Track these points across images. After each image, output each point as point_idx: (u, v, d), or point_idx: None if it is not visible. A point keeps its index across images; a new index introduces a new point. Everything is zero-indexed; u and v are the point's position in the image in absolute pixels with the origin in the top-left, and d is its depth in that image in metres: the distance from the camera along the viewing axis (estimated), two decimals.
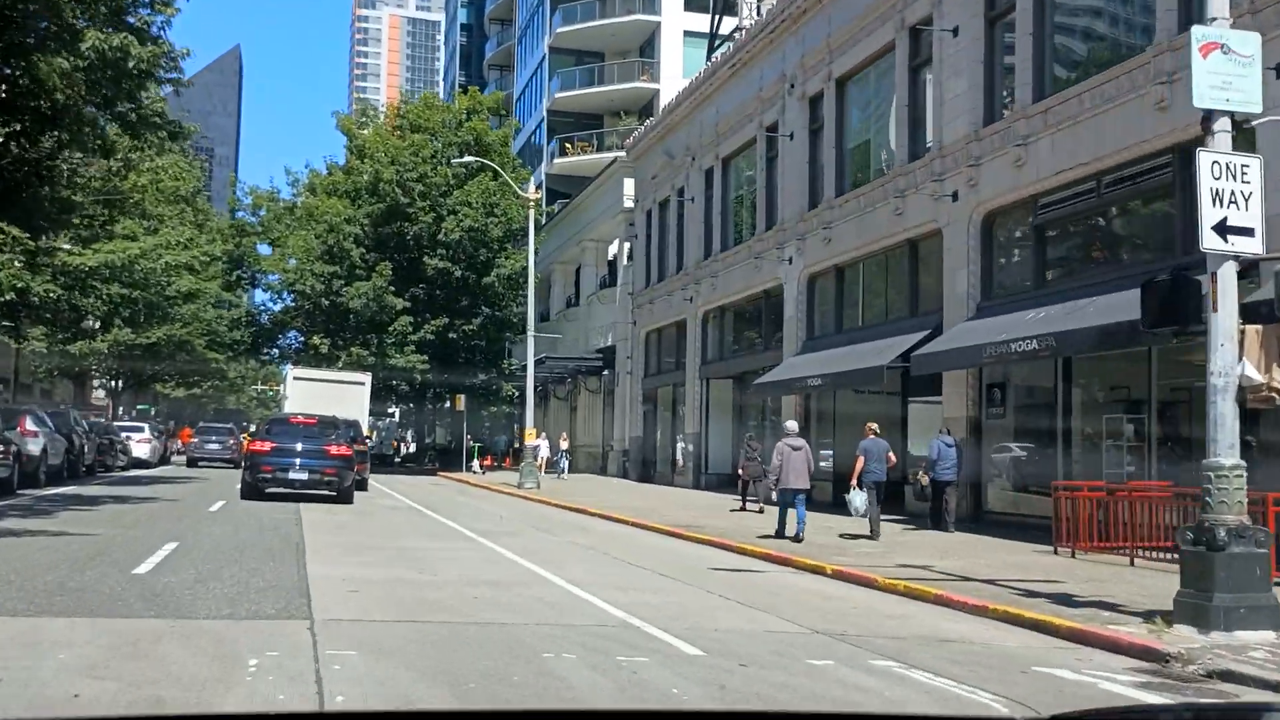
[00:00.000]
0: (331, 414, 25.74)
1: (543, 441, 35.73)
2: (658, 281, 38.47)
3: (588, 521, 21.39)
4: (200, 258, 42.84)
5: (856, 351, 24.15)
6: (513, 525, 19.21)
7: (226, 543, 13.43)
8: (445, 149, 44.17)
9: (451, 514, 21.25)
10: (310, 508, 20.76)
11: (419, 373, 43.08)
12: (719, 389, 34.42)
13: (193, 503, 20.77)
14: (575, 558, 14.06)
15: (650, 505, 25.71)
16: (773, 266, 29.49)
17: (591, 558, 14.25)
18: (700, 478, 34.18)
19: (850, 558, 14.87)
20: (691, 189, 35.42)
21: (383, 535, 15.78)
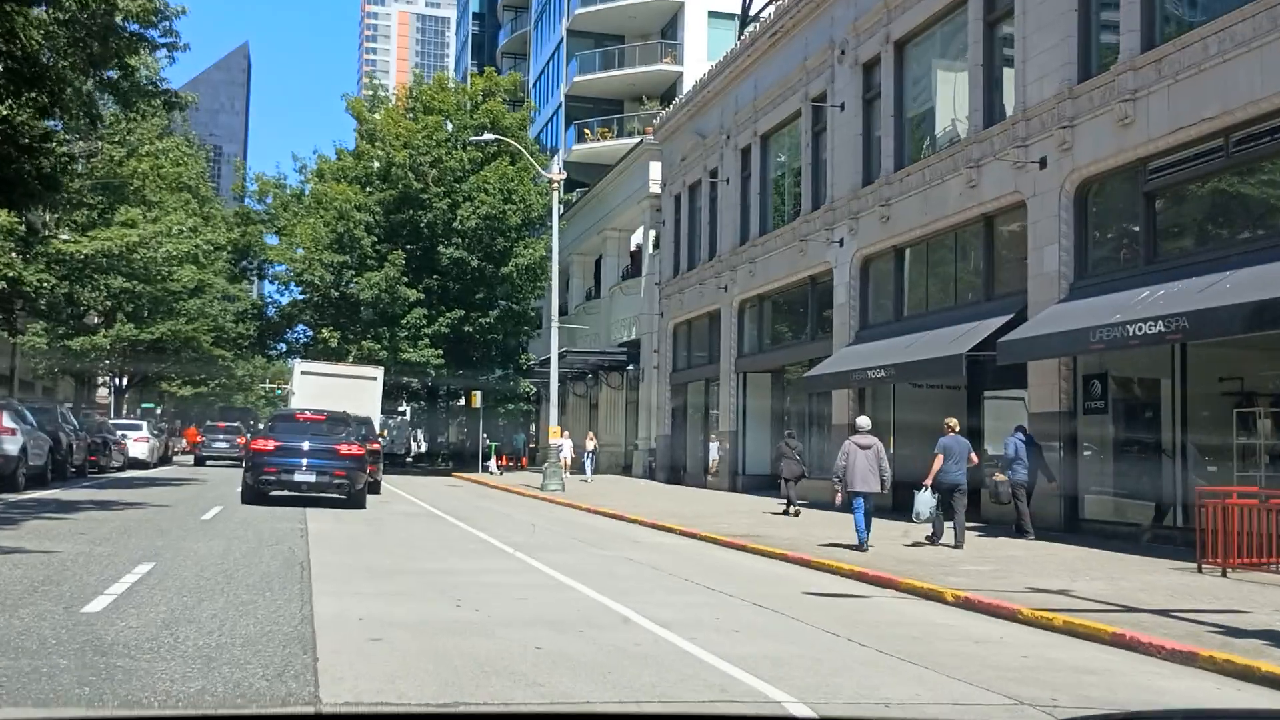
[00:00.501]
0: (342, 410, 23.16)
1: (566, 441, 33.12)
2: (687, 270, 35.83)
3: (633, 531, 18.75)
4: (203, 247, 40.30)
5: (924, 340, 21.49)
6: (551, 536, 16.59)
7: (214, 563, 10.83)
8: (460, 132, 41.56)
9: (477, 522, 18.64)
10: (317, 514, 18.18)
11: (433, 368, 40.47)
12: (757, 384, 31.77)
13: (184, 509, 18.18)
14: (642, 581, 11.43)
15: (692, 511, 23.12)
16: (820, 249, 26.84)
17: (660, 581, 11.62)
18: (736, 480, 31.54)
19: (962, 578, 12.25)
20: (726, 169, 32.78)
21: (403, 551, 13.17)
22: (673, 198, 37.35)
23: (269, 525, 15.53)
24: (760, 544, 16.07)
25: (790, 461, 22.98)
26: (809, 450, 28.53)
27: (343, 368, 34.44)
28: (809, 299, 28.11)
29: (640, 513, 22.06)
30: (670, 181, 37.45)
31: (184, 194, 46.08)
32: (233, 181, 46.69)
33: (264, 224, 44.30)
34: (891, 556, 14.47)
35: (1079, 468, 18.64)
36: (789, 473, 22.92)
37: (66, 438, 25.93)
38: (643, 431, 40.01)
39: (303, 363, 34.19)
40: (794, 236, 28.20)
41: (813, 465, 28.01)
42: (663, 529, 19.03)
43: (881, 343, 23.53)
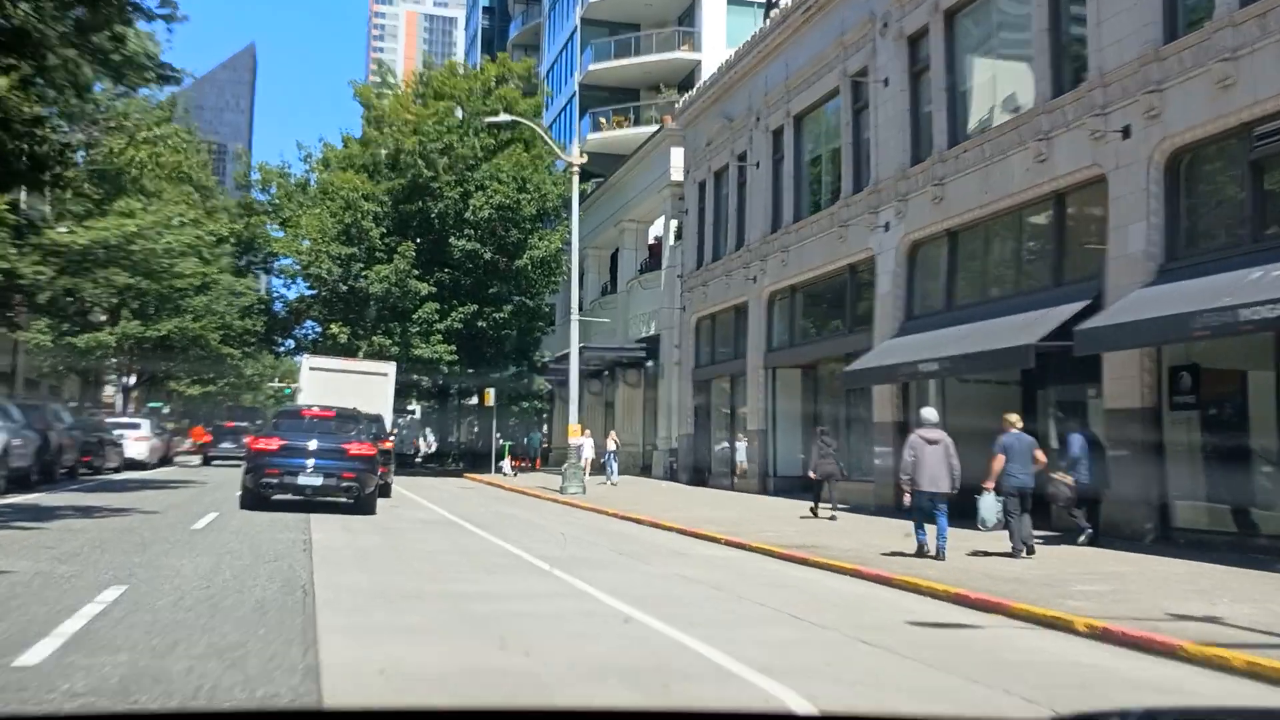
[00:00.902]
0: (352, 407, 21.25)
1: (587, 440, 31.19)
2: (712, 261, 33.88)
3: (673, 541, 16.80)
4: (205, 238, 38.38)
5: (982, 331, 19.51)
6: (585, 548, 14.66)
7: (199, 588, 8.91)
8: (472, 118, 39.61)
9: (501, 531, 16.71)
10: (323, 521, 16.27)
11: (445, 364, 38.54)
12: (788, 380, 29.81)
13: (175, 516, 16.26)
14: (711, 608, 9.48)
15: (729, 516, 21.20)
16: (862, 235, 24.89)
17: (732, 607, 9.67)
18: (767, 482, 29.58)
19: (1081, 600, 10.32)
20: (756, 153, 30.82)
21: (424, 569, 11.22)
22: (696, 185, 35.40)
23: (268, 536, 13.61)
24: (822, 556, 14.15)
25: (825, 460, 21.21)
26: (845, 451, 26.62)
27: (353, 363, 32.55)
28: (847, 289, 26.16)
29: (674, 519, 20.14)
30: (694, 168, 35.51)
31: (185, 186, 44.27)
32: (236, 177, 44.73)
33: (268, 214, 42.36)
34: (979, 572, 12.54)
35: (1166, 471, 16.68)
36: (823, 472, 21.13)
37: (57, 437, 24.07)
38: (662, 431, 38.06)
39: (311, 358, 32.29)
40: (832, 222, 26.25)
41: (851, 467, 26.11)
42: (705, 538, 17.10)
43: (930, 334, 21.56)
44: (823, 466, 21.21)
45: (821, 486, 21.42)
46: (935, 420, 15.18)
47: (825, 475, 21.36)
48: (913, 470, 14.44)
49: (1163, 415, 16.71)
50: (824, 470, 21.15)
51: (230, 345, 55.25)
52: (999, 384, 22.18)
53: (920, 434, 14.82)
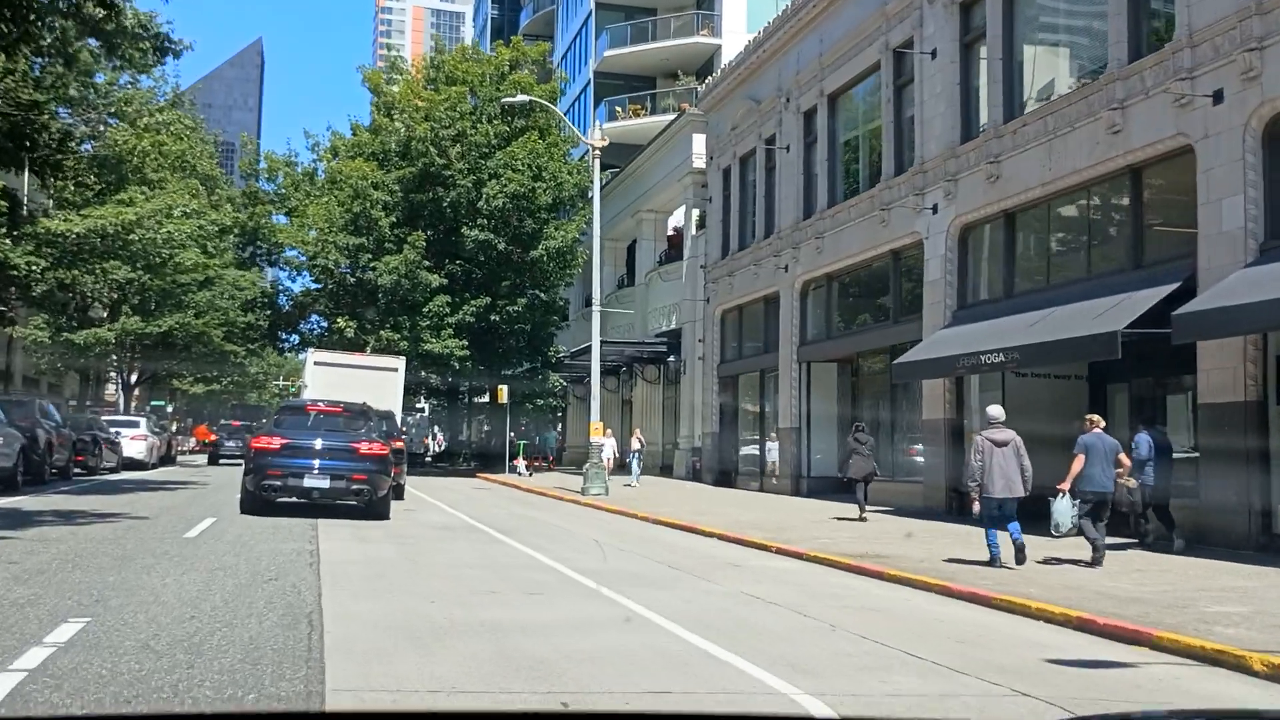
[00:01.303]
0: (361, 402, 19.52)
1: (609, 440, 29.42)
2: (738, 250, 32.11)
3: (720, 550, 15.03)
4: (208, 228, 36.71)
5: (1055, 318, 17.72)
6: (628, 559, 12.91)
7: (179, 619, 7.16)
8: (485, 105, 37.87)
9: (529, 538, 14.96)
10: (332, 528, 14.55)
11: (457, 360, 36.78)
12: (823, 375, 28.04)
13: (167, 522, 14.53)
14: (806, 643, 7.68)
15: (771, 521, 19.47)
16: (907, 219, 23.12)
17: (828, 641, 7.88)
18: (800, 482, 27.80)
19: (1229, 627, 8.59)
20: (786, 136, 29.04)
21: (451, 589, 9.43)
22: (720, 171, 33.63)
23: (269, 547, 11.88)
24: (895, 568, 12.41)
25: (860, 459, 19.83)
26: (888, 452, 24.88)
27: (361, 358, 30.82)
28: (890, 277, 24.38)
29: (712, 523, 18.40)
30: (718, 154, 33.73)
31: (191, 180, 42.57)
32: (242, 166, 42.96)
33: (273, 204, 40.62)
34: (1080, 588, 10.81)
35: (1271, 472, 14.91)
36: (858, 471, 19.71)
37: (45, 435, 22.37)
38: (684, 429, 36.32)
39: (316, 352, 30.54)
40: (872, 205, 24.48)
41: (894, 468, 24.37)
42: (754, 546, 15.35)
43: (989, 324, 19.77)
44: (859, 466, 19.78)
45: (863, 487, 19.96)
46: (1002, 418, 13.59)
47: (861, 475, 19.78)
48: (981, 475, 12.92)
49: (1269, 410, 14.94)
50: (860, 470, 19.70)
51: (234, 342, 53.60)
52: (1057, 379, 20.43)
53: (988, 435, 13.31)
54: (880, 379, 25.84)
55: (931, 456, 22.05)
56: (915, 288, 23.51)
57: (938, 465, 21.79)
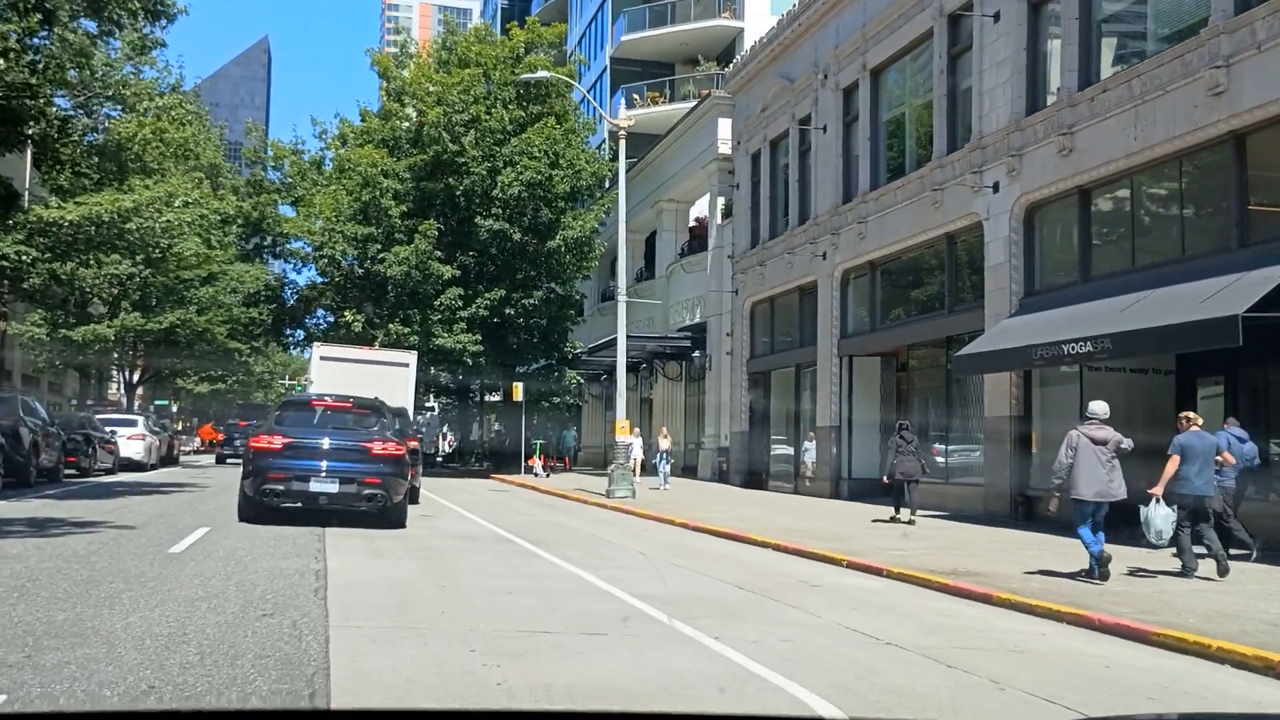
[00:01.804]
0: (373, 397, 17.61)
1: (636, 439, 27.45)
2: (769, 239, 30.17)
3: (789, 565, 13.08)
4: (210, 217, 34.86)
5: (1150, 303, 15.75)
6: (689, 577, 10.97)
7: (129, 691, 5.19)
8: (500, 89, 35.97)
9: (565, 549, 13.03)
10: (342, 539, 12.65)
11: (470, 355, 34.86)
12: (866, 370, 26.10)
13: (155, 533, 12.60)
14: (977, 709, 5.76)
15: (824, 527, 17.58)
16: (963, 199, 21.17)
17: (1004, 703, 5.95)
18: (840, 485, 25.86)
19: None
20: (823, 115, 27.10)
21: (493, 627, 7.41)
22: (749, 156, 31.69)
23: (267, 565, 9.96)
24: (1000, 589, 10.51)
25: (906, 458, 18.48)
26: (938, 452, 22.97)
27: (370, 352, 28.91)
28: (945, 262, 22.41)
29: (761, 531, 16.49)
30: (746, 137, 31.79)
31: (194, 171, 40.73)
32: (246, 153, 41.06)
33: (279, 193, 38.72)
34: (1255, 618, 8.88)
35: None
36: (905, 473, 18.31)
37: (30, 434, 20.51)
38: (710, 428, 34.38)
39: (322, 346, 28.61)
40: (923, 186, 22.53)
41: (948, 470, 22.44)
42: (821, 559, 13.42)
43: (1065, 311, 17.83)
44: (904, 466, 18.43)
45: (904, 489, 18.49)
46: (1105, 414, 11.81)
47: (907, 476, 18.40)
48: (1068, 473, 11.35)
49: None
50: (906, 470, 18.36)
51: (238, 340, 51.72)
52: (1134, 372, 18.52)
53: (1085, 431, 11.62)
54: (930, 374, 23.91)
55: (994, 457, 20.10)
56: (973, 274, 21.58)
57: (1001, 467, 19.85)
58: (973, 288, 21.47)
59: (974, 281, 21.40)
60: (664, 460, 27.18)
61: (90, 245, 32.49)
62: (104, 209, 29.99)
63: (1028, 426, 19.58)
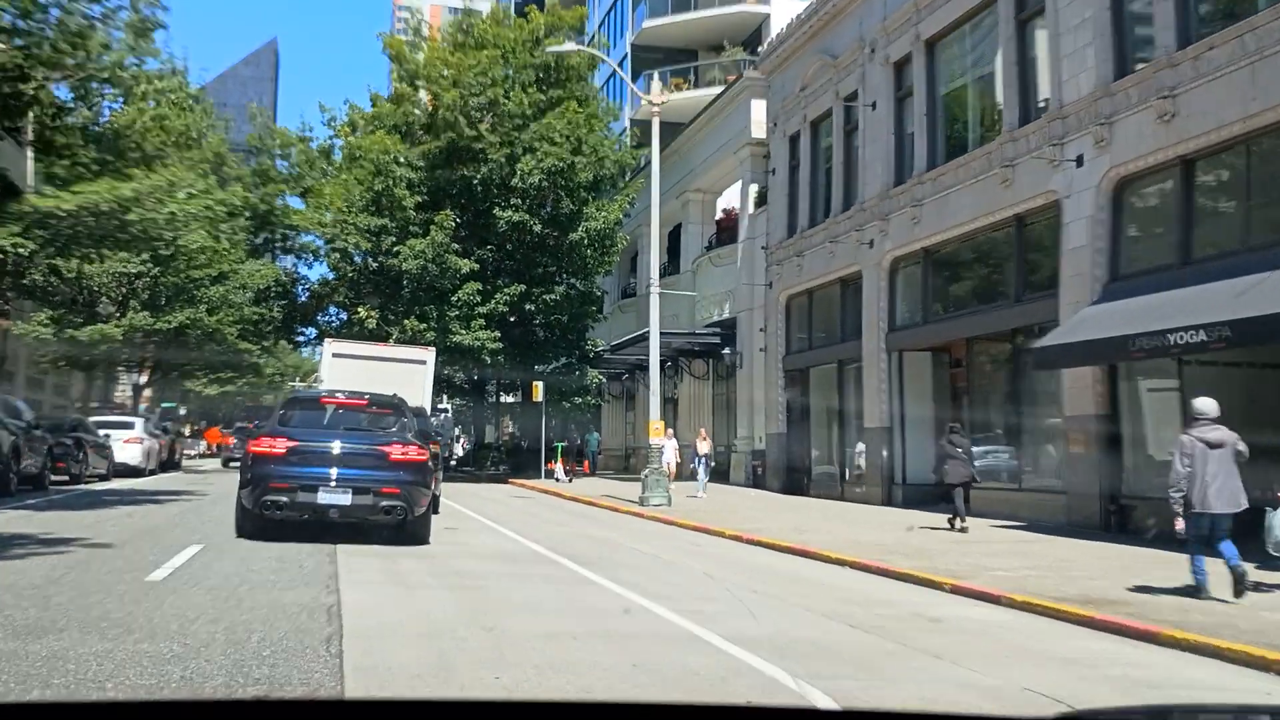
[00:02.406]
0: (392, 394, 15.61)
1: (669, 442, 25.36)
2: (809, 227, 28.10)
3: (885, 590, 11.01)
4: (215, 208, 32.85)
5: (1272, 285, 13.70)
6: (785, 612, 8.89)
7: None
8: (518, 72, 33.99)
9: (626, 575, 10.95)
10: (356, 561, 10.63)
11: (488, 353, 32.88)
12: (918, 365, 24.03)
13: (135, 553, 10.58)
14: None
15: (896, 540, 15.56)
16: (1039, 176, 19.08)
17: None
18: (892, 490, 23.79)
19: None
20: (871, 92, 25.05)
21: (566, 693, 5.48)
22: (785, 139, 29.64)
23: (265, 599, 7.94)
24: (1165, 624, 8.47)
25: (957, 463, 17.23)
26: (1004, 456, 20.94)
27: (385, 349, 26.90)
28: (1014, 246, 20.29)
29: (827, 545, 14.46)
30: (783, 119, 29.73)
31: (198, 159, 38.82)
32: (250, 140, 39.07)
33: (286, 183, 36.80)
34: None
35: None
36: (956, 476, 17.07)
37: (11, 437, 18.55)
38: (743, 429, 32.33)
39: (334, 342, 26.61)
40: (989, 164, 20.46)
41: (1021, 474, 20.35)
42: (917, 582, 11.37)
43: (1165, 296, 15.72)
44: (956, 471, 17.14)
45: (960, 494, 17.10)
46: (1215, 413, 9.95)
47: (960, 481, 17.12)
48: (1189, 485, 9.69)
49: None
50: (958, 475, 17.11)
51: (248, 340, 49.86)
52: (1234, 365, 16.46)
53: (1197, 434, 9.81)
54: (993, 369, 21.85)
55: (1078, 461, 17.99)
56: (1046, 259, 19.51)
57: (1087, 471, 17.74)
58: (1046, 274, 19.39)
59: (1047, 267, 19.32)
60: (703, 465, 24.96)
61: (91, 238, 30.55)
62: (102, 197, 27.99)
63: (1115, 426, 17.48)
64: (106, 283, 43.91)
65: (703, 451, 24.80)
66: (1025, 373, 19.86)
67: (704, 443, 25.04)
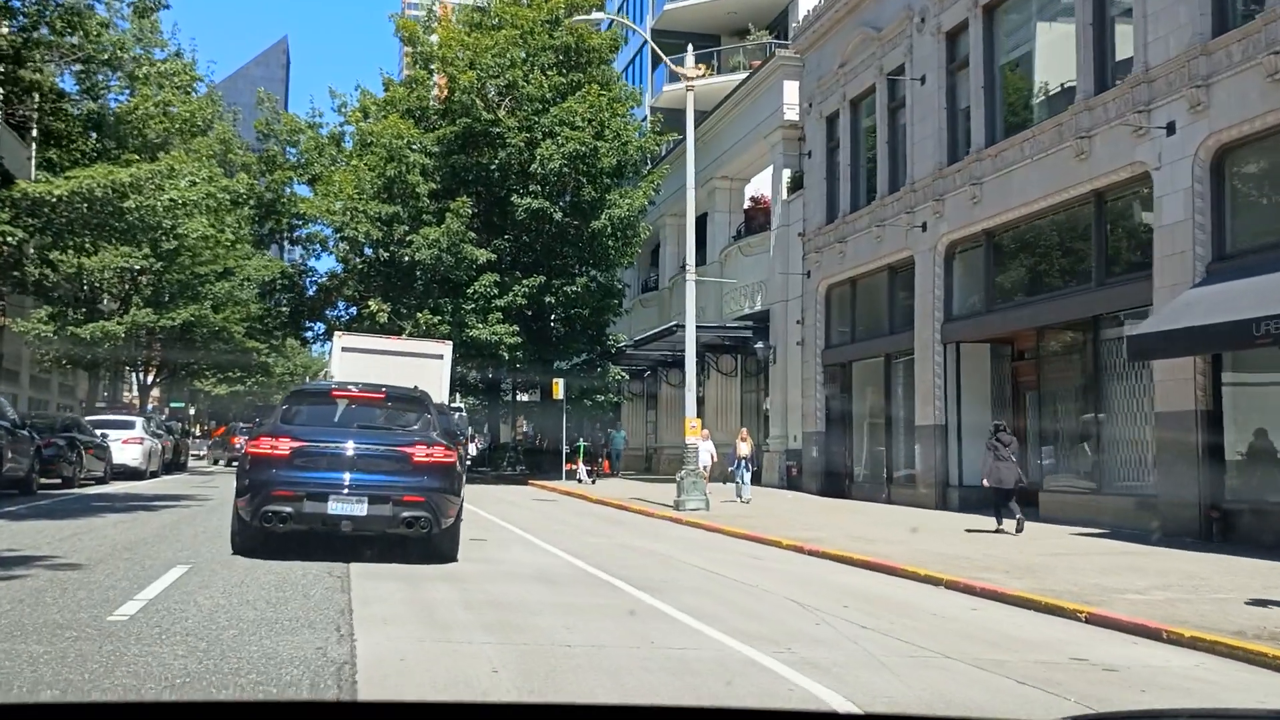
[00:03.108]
0: (413, 386, 13.70)
1: (706, 442, 23.40)
2: (850, 212, 26.12)
3: (1032, 627, 8.96)
4: (218, 195, 31.05)
5: None
6: (932, 665, 6.90)
7: None
8: (538, 54, 32.09)
9: (695, 602, 9.00)
10: (373, 588, 8.71)
11: (506, 349, 30.98)
12: (975, 359, 22.07)
13: (103, 581, 8.63)
14: None
15: (981, 552, 13.56)
16: (1123, 146, 17.08)
17: None
18: (947, 492, 21.82)
19: None
20: (920, 64, 23.07)
21: None
22: (823, 120, 27.66)
23: (257, 651, 6.00)
24: None
25: (1005, 464, 15.98)
26: (1079, 456, 18.97)
27: (399, 342, 25.01)
28: (1095, 224, 18.25)
29: (907, 559, 12.54)
30: (819, 99, 27.74)
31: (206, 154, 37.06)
32: (257, 125, 37.19)
33: (295, 170, 34.94)
34: None
35: None
36: (1006, 479, 15.87)
37: None
38: (776, 428, 30.36)
39: (344, 335, 24.71)
40: (1063, 135, 18.46)
41: (1101, 478, 18.34)
42: (1046, 609, 9.41)
43: (1277, 277, 13.77)
44: (1005, 472, 15.96)
45: (1009, 496, 16.00)
46: None
47: (1010, 483, 15.94)
48: None
49: None
50: (1008, 477, 15.95)
51: (256, 339, 48.05)
52: None
53: None
54: (1066, 360, 19.83)
55: (1173, 463, 15.97)
56: (1134, 237, 17.54)
57: (1183, 474, 15.73)
58: (1133, 254, 17.41)
59: (1135, 246, 17.34)
60: (744, 468, 22.84)
61: (86, 226, 28.73)
62: (96, 183, 26.16)
63: (1218, 424, 15.50)
64: (108, 278, 42.16)
65: (743, 453, 22.68)
66: (1106, 364, 17.88)
67: (744, 444, 22.90)
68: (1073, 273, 19.05)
